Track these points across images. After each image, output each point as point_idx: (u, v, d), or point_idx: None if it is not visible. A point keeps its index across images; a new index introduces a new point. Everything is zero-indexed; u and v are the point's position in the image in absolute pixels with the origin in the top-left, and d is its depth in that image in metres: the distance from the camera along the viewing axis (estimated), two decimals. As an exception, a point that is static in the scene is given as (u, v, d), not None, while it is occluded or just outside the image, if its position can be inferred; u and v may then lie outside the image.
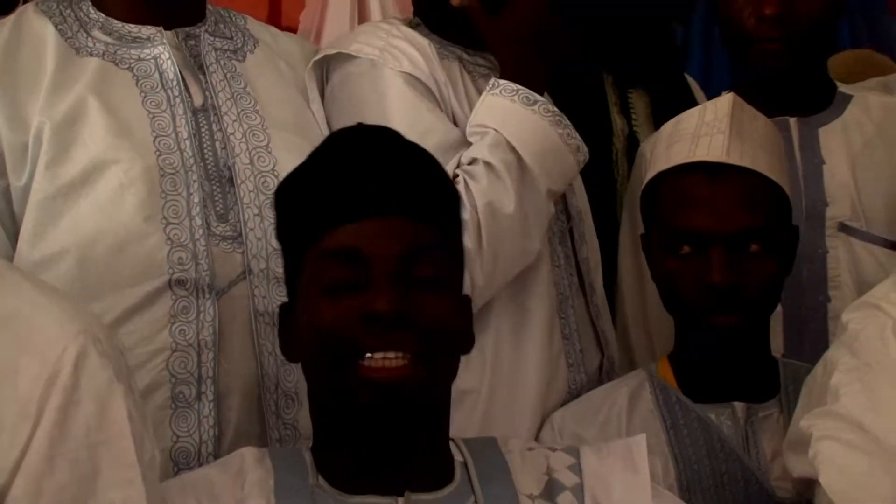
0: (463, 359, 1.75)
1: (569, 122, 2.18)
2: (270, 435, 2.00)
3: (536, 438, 2.18)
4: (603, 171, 2.44)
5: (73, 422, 1.41)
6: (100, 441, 1.43)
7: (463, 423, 2.07)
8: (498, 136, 2.13)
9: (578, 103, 2.37)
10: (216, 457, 1.93)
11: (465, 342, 1.75)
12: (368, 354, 1.62)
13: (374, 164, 1.69)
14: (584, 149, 2.20)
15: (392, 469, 1.68)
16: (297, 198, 1.75)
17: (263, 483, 1.69)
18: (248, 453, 1.74)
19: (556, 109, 2.18)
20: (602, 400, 2.20)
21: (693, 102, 2.67)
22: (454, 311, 1.69)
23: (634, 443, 1.77)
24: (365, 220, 1.65)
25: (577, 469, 1.75)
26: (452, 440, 1.78)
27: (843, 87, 2.61)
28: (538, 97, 2.17)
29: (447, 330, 1.67)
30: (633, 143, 2.60)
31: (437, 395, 1.70)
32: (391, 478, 1.68)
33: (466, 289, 1.90)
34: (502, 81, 2.17)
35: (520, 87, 2.16)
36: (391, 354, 1.62)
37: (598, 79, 2.62)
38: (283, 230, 1.79)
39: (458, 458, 1.75)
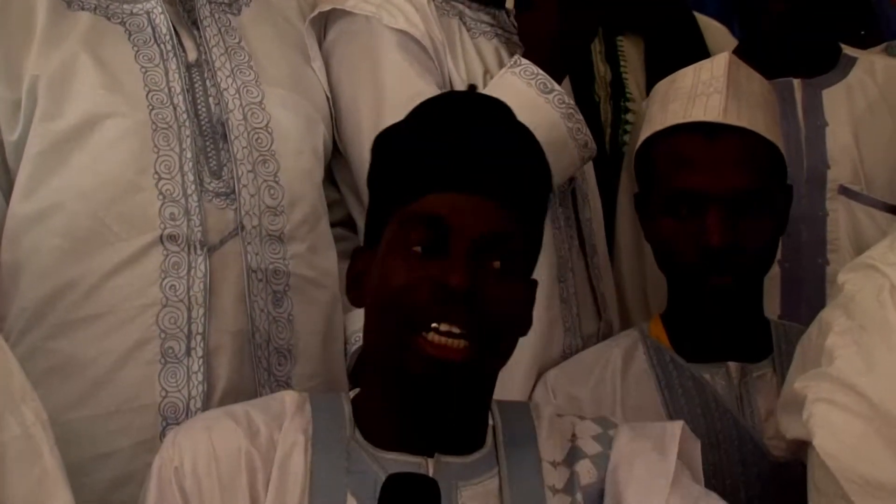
0: None
1: (581, 118, 2.15)
2: (261, 392, 1.99)
3: (529, 399, 2.16)
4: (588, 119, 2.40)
5: None
6: None
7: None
8: None
9: None
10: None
11: (524, 326, 1.75)
12: (434, 325, 1.62)
13: (477, 142, 1.69)
14: (593, 145, 2.17)
15: (427, 431, 1.69)
16: (396, 155, 1.73)
17: (301, 429, 1.70)
18: (289, 397, 1.74)
19: (570, 102, 2.14)
20: (595, 360, 2.19)
21: (701, 43, 2.64)
22: (519, 299, 1.70)
23: (670, 427, 1.77)
24: (455, 192, 1.66)
25: (603, 440, 1.75)
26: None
27: (847, 50, 2.59)
28: (555, 86, 2.13)
29: (511, 317, 1.68)
30: (618, 90, 2.58)
31: (487, 376, 1.72)
32: (425, 439, 1.69)
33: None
34: (525, 61, 2.14)
35: (540, 71, 2.13)
36: (456, 329, 1.62)
37: None
38: (376, 180, 1.77)
39: (491, 422, 1.76)
